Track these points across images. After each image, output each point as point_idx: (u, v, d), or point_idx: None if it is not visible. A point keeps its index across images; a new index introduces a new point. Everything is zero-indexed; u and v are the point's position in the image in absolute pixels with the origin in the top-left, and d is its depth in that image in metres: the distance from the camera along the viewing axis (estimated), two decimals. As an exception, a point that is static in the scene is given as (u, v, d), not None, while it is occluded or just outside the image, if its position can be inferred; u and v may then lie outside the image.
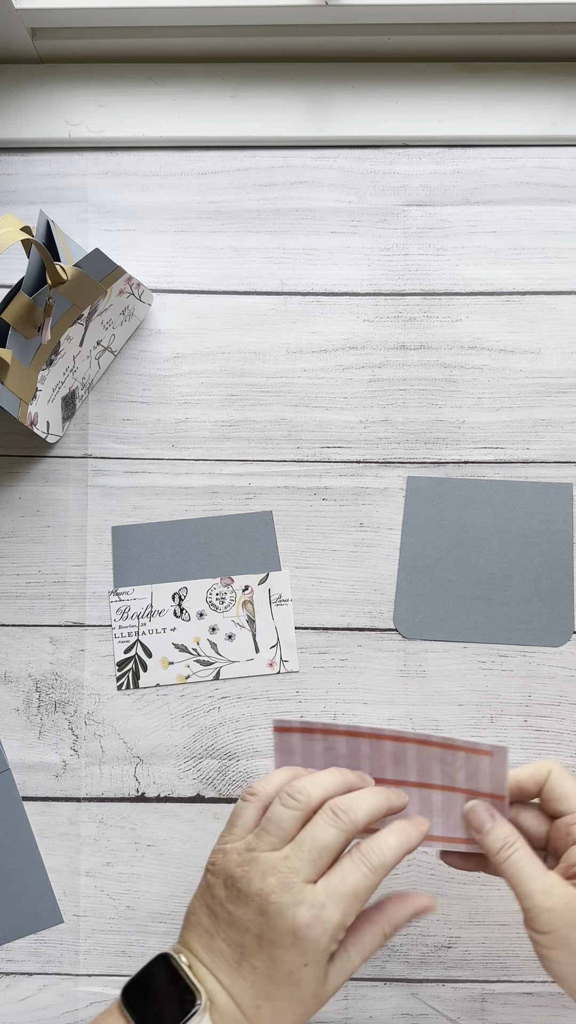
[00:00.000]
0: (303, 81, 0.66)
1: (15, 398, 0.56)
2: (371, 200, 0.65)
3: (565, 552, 0.62)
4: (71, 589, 0.63)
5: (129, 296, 0.61)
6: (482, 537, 0.62)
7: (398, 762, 0.47)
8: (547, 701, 0.61)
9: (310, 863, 0.42)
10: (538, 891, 0.43)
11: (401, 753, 0.47)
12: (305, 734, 0.48)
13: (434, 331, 0.64)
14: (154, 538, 0.63)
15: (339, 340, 0.64)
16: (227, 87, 0.66)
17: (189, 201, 0.65)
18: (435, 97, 0.66)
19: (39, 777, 0.61)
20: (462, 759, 0.47)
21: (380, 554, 0.62)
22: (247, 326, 0.64)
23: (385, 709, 0.61)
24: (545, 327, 0.64)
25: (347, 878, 0.42)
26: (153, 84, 0.66)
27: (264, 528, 0.63)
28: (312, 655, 0.62)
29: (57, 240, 0.55)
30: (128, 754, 0.61)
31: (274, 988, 0.41)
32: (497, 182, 0.65)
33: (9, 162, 0.66)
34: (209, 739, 0.61)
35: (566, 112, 0.65)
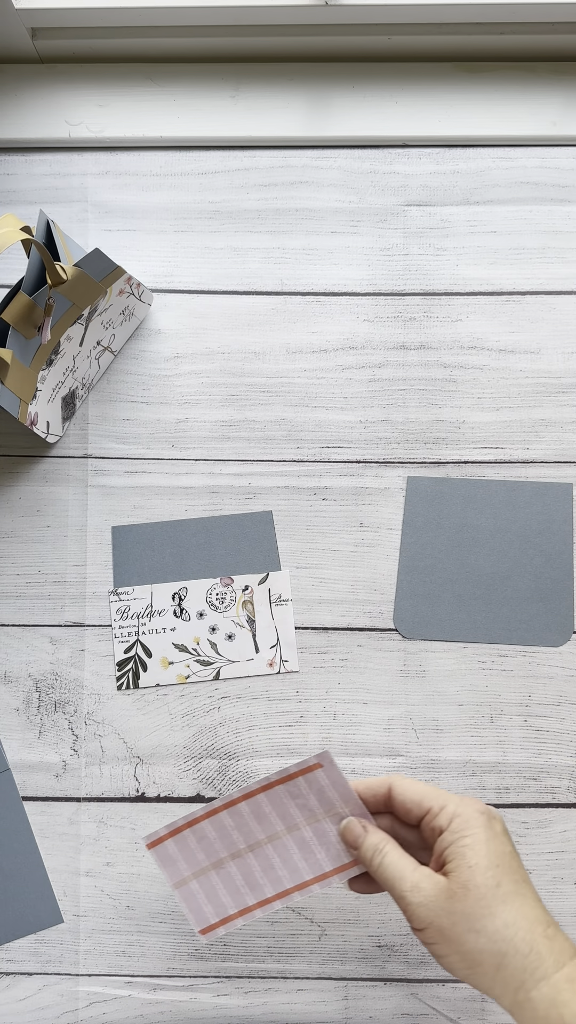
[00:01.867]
0: (303, 81, 0.66)
1: (15, 398, 0.56)
2: (371, 200, 0.65)
3: (565, 552, 0.62)
4: (71, 589, 0.63)
5: (129, 296, 0.61)
6: (482, 537, 0.62)
7: (261, 819, 0.49)
8: (547, 701, 0.61)
9: None
10: (407, 889, 0.44)
11: (257, 807, 0.49)
12: (175, 837, 0.49)
13: (434, 331, 0.64)
14: (154, 538, 0.63)
15: (339, 340, 0.64)
16: (227, 87, 0.66)
17: (189, 201, 0.65)
18: (435, 97, 0.66)
19: (39, 777, 0.61)
20: (303, 784, 0.48)
21: (380, 554, 0.62)
22: (247, 326, 0.64)
23: (385, 709, 0.61)
24: (545, 327, 0.64)
25: None
26: (153, 84, 0.66)
27: (264, 528, 0.63)
28: (312, 655, 0.62)
29: (57, 240, 0.55)
30: (128, 754, 0.61)
31: None
32: (497, 182, 0.65)
33: (9, 162, 0.66)
34: (209, 739, 0.61)
35: (566, 112, 0.65)
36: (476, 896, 0.43)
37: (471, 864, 0.43)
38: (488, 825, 0.45)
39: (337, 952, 0.60)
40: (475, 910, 0.42)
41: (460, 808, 0.45)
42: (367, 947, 0.60)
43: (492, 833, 0.45)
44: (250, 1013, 0.59)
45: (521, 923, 0.42)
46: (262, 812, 0.49)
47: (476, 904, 0.42)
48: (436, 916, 0.43)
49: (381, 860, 0.46)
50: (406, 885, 0.44)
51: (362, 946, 0.60)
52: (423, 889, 0.44)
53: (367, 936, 0.60)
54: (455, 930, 0.43)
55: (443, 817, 0.45)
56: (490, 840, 0.44)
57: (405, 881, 0.44)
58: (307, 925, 0.60)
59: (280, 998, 0.59)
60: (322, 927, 0.60)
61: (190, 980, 0.59)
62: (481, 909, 0.42)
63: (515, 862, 0.45)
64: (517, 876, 0.44)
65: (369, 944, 0.60)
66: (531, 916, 0.43)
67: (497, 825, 0.46)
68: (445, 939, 0.43)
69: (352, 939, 0.60)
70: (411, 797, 0.47)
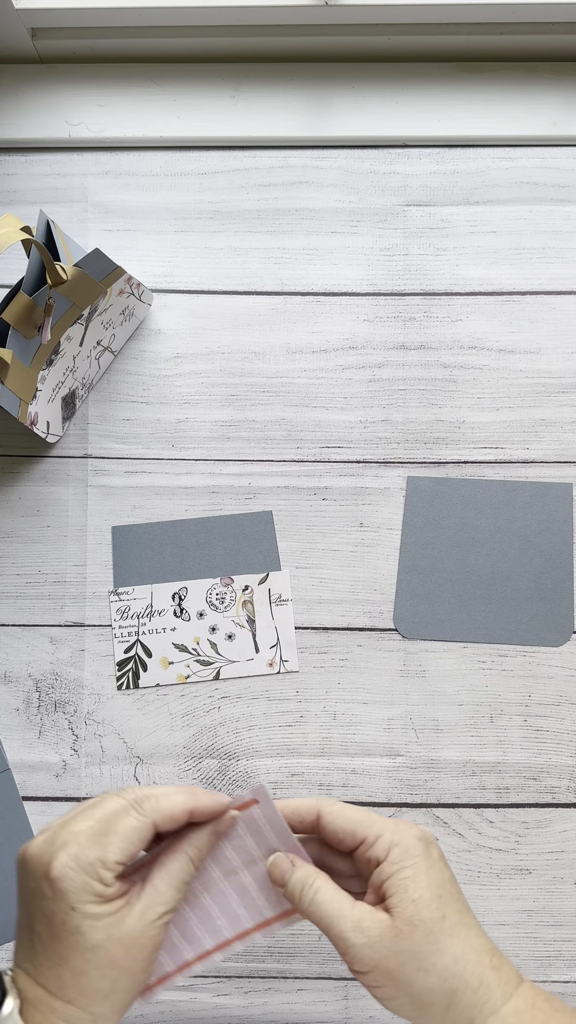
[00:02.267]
0: (303, 81, 0.66)
1: (15, 398, 0.56)
2: (371, 200, 0.65)
3: (565, 552, 0.62)
4: (71, 589, 0.63)
5: (129, 296, 0.61)
6: (482, 537, 0.62)
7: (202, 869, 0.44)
8: (547, 701, 0.61)
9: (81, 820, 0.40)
10: (348, 929, 0.40)
11: None
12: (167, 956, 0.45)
13: (434, 331, 0.64)
14: (154, 538, 0.63)
15: (339, 340, 0.64)
16: (227, 87, 0.66)
17: (189, 201, 0.65)
18: (435, 97, 0.66)
19: (39, 777, 0.61)
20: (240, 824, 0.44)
21: (380, 554, 0.62)
22: (247, 326, 0.64)
23: (385, 709, 0.61)
24: (545, 327, 0.64)
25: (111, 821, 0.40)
26: (153, 84, 0.66)
27: (264, 528, 0.63)
28: (312, 655, 0.62)
29: (57, 240, 0.55)
30: (128, 754, 0.61)
31: (60, 947, 0.38)
32: (497, 182, 0.65)
33: (9, 162, 0.66)
34: (209, 739, 0.61)
35: (566, 112, 0.65)
36: (423, 932, 0.40)
37: (415, 898, 0.40)
38: (427, 853, 0.42)
39: (337, 952, 0.60)
40: (423, 947, 0.40)
41: (397, 836, 0.42)
42: (367, 947, 0.60)
43: (431, 861, 0.42)
44: (250, 1013, 0.59)
45: (469, 956, 0.40)
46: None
47: (423, 941, 0.40)
48: (382, 957, 0.40)
49: (312, 897, 0.42)
50: (346, 924, 0.40)
51: (362, 946, 0.60)
52: (366, 929, 0.40)
53: (367, 936, 0.60)
54: (404, 970, 0.39)
55: (379, 847, 0.42)
56: (430, 869, 0.42)
57: (345, 920, 0.40)
58: (307, 925, 0.60)
59: (280, 998, 0.59)
60: (322, 927, 0.60)
61: (190, 980, 0.59)
62: (429, 946, 0.40)
63: (455, 889, 0.42)
64: (459, 904, 0.42)
65: (369, 944, 0.60)
66: (478, 947, 0.41)
67: (435, 851, 0.43)
68: (392, 981, 0.40)
69: (352, 939, 0.60)
70: (343, 826, 0.43)
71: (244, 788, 0.61)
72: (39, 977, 0.39)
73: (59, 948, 0.39)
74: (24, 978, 0.39)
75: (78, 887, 0.38)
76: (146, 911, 0.40)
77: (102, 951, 0.39)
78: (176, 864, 0.42)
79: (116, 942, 0.39)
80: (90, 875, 0.39)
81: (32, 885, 0.39)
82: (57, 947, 0.39)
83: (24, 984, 0.39)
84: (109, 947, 0.39)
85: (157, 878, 0.41)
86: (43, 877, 0.39)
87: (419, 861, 0.42)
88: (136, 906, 0.40)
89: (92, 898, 0.39)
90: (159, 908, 0.40)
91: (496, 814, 0.60)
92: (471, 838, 0.60)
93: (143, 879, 0.41)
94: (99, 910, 0.39)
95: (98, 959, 0.39)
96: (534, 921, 0.60)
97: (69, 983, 0.39)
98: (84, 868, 0.39)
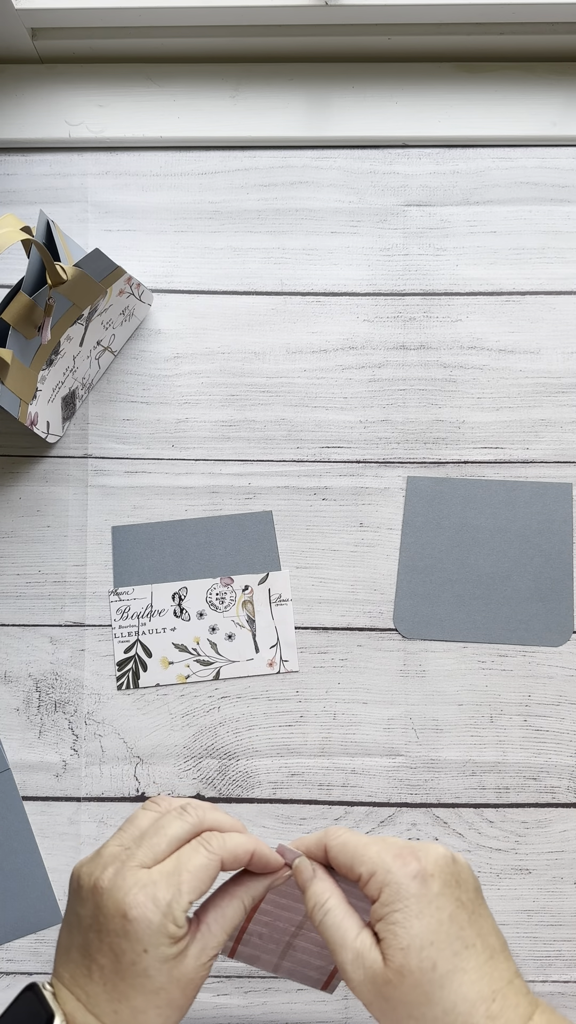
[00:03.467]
0: (303, 81, 0.66)
1: (15, 398, 0.56)
2: (371, 200, 0.65)
3: (565, 552, 0.62)
4: (71, 589, 0.63)
5: (129, 296, 0.61)
6: (482, 537, 0.62)
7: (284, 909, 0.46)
8: (547, 701, 0.61)
9: (148, 849, 0.40)
10: (348, 961, 0.40)
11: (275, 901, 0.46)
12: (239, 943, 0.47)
13: (434, 331, 0.64)
14: (154, 538, 0.63)
15: (339, 340, 0.64)
16: (227, 87, 0.66)
17: (189, 201, 0.65)
18: (435, 97, 0.66)
19: (39, 777, 0.61)
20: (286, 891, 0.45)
21: (380, 554, 0.62)
22: (247, 326, 0.64)
23: (385, 709, 0.61)
24: (545, 327, 0.64)
25: (181, 859, 0.40)
26: (153, 84, 0.66)
27: (264, 528, 0.63)
28: (312, 655, 0.62)
29: (57, 240, 0.55)
30: (128, 754, 0.61)
31: (124, 985, 0.39)
32: (497, 182, 0.65)
33: (9, 162, 0.66)
34: (209, 739, 0.61)
35: (566, 112, 0.65)
36: (411, 983, 0.38)
37: (403, 946, 0.39)
38: (421, 893, 0.40)
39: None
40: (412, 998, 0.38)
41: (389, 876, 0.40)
42: (367, 947, 0.60)
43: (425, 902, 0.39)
44: (250, 1013, 0.59)
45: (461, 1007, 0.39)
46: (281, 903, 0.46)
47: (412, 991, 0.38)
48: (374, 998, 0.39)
49: (323, 918, 0.41)
50: (347, 956, 0.40)
51: (362, 946, 0.60)
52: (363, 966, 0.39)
53: (367, 936, 0.60)
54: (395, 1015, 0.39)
55: (372, 887, 0.40)
56: (422, 912, 0.39)
57: (347, 951, 0.40)
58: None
59: (280, 998, 0.59)
60: (322, 927, 0.60)
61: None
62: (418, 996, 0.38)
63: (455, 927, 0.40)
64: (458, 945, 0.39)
65: (369, 944, 0.60)
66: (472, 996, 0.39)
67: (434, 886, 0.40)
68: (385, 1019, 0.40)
69: (352, 939, 0.60)
70: (343, 862, 0.42)
71: (243, 788, 0.61)
72: (92, 1006, 0.39)
73: (121, 985, 0.39)
74: (72, 1001, 0.40)
75: (155, 930, 0.39)
76: (201, 953, 0.40)
77: (164, 992, 0.39)
78: (231, 910, 0.42)
79: (175, 983, 0.39)
80: (166, 916, 0.39)
81: (101, 919, 0.39)
82: (119, 984, 0.39)
83: (72, 1007, 0.40)
84: (170, 988, 0.39)
85: (212, 921, 0.41)
86: (117, 914, 0.39)
87: (410, 904, 0.39)
88: (192, 948, 0.40)
89: (165, 940, 0.39)
90: (211, 951, 0.41)
91: (496, 814, 0.60)
92: (471, 838, 0.60)
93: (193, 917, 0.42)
94: (169, 952, 0.39)
95: (159, 1000, 0.39)
96: (534, 921, 0.60)
97: (126, 1019, 0.39)
98: (161, 909, 0.39)
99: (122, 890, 0.39)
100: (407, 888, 0.40)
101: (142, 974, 0.39)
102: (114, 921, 0.39)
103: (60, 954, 0.42)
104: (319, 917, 0.42)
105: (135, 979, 0.39)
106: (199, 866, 0.40)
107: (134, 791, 0.61)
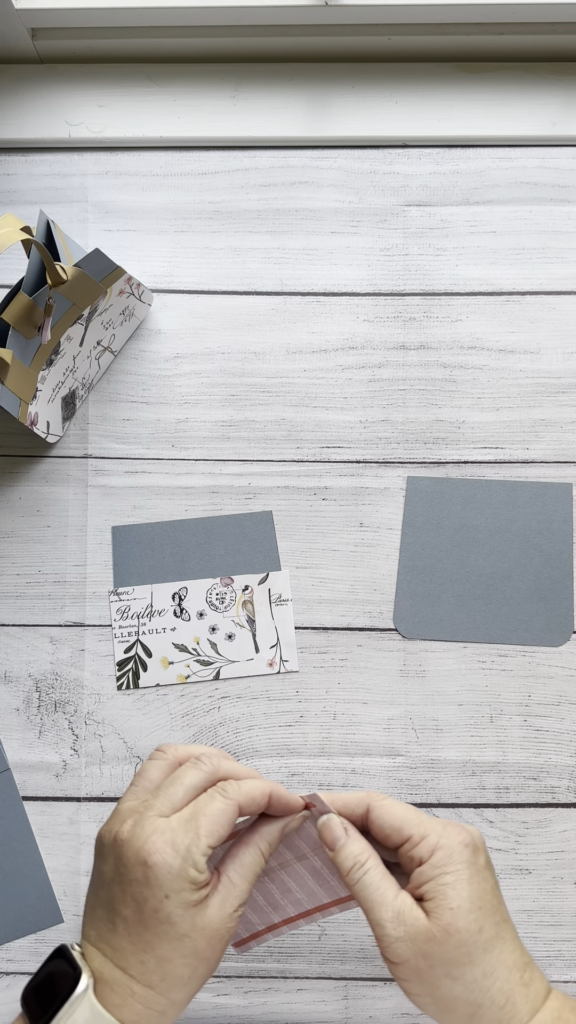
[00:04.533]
0: (303, 81, 0.66)
1: (15, 398, 0.56)
2: (371, 200, 0.65)
3: (565, 552, 0.62)
4: (71, 589, 0.63)
5: (129, 296, 0.61)
6: (482, 537, 0.62)
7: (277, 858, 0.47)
8: (547, 701, 0.61)
9: (165, 799, 0.41)
10: (388, 919, 0.41)
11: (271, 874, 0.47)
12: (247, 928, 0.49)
13: (434, 331, 0.64)
14: (154, 538, 0.63)
15: (339, 340, 0.64)
16: (227, 87, 0.66)
17: (189, 201, 0.65)
18: (435, 97, 0.66)
19: (39, 777, 0.61)
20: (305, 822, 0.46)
21: (380, 554, 0.62)
22: (247, 326, 0.64)
23: (385, 709, 0.61)
24: (545, 327, 0.64)
25: (199, 805, 0.41)
26: (153, 84, 0.66)
27: (264, 528, 0.63)
28: (312, 655, 0.62)
29: (57, 240, 0.55)
30: (128, 754, 0.61)
31: (148, 934, 0.39)
32: (497, 182, 0.65)
33: (9, 162, 0.66)
34: (209, 739, 0.61)
35: (566, 112, 0.65)
36: (457, 942, 0.40)
37: (452, 906, 0.40)
38: (472, 861, 0.42)
39: (337, 952, 0.60)
40: (455, 956, 0.40)
41: (443, 840, 0.42)
42: (367, 947, 0.60)
43: (475, 869, 0.42)
44: (250, 1013, 0.59)
45: (500, 971, 0.40)
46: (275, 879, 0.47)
47: (456, 951, 0.40)
48: (414, 955, 0.40)
49: (361, 877, 0.42)
50: (387, 913, 0.41)
51: (362, 946, 0.60)
52: (404, 922, 0.40)
53: (367, 936, 0.60)
54: (432, 973, 0.40)
55: (424, 848, 0.42)
56: (473, 878, 0.41)
57: (386, 909, 0.41)
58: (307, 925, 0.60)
59: (280, 998, 0.59)
60: (322, 927, 0.60)
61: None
62: (461, 956, 0.40)
63: (496, 899, 0.42)
64: (498, 916, 0.41)
65: (369, 944, 0.60)
66: (510, 963, 0.41)
67: (481, 858, 0.42)
68: (420, 980, 0.40)
69: (352, 939, 0.60)
70: (390, 823, 0.43)
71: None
72: (119, 960, 0.40)
73: (146, 934, 0.39)
74: (99, 957, 0.40)
75: (175, 874, 0.39)
76: (224, 903, 0.41)
77: (188, 940, 0.39)
78: (249, 857, 0.42)
79: (200, 932, 0.40)
80: (185, 861, 0.39)
81: (122, 870, 0.40)
82: (144, 933, 0.39)
83: (99, 963, 0.40)
84: (194, 936, 0.39)
85: (232, 871, 0.42)
86: (137, 862, 0.39)
87: (462, 869, 0.41)
88: (214, 898, 0.40)
89: (187, 885, 0.39)
90: (235, 901, 0.41)
91: (496, 814, 0.60)
92: (471, 838, 0.60)
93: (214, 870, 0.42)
94: (191, 897, 0.39)
95: (184, 948, 0.39)
96: (534, 921, 0.60)
97: (152, 969, 0.39)
98: (180, 854, 0.39)
99: (140, 838, 0.40)
100: (460, 854, 0.41)
101: (165, 920, 0.39)
102: (135, 870, 0.39)
103: (87, 915, 0.42)
104: (357, 876, 0.42)
105: (158, 926, 0.39)
106: (217, 811, 0.41)
107: (134, 791, 0.61)
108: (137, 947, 0.39)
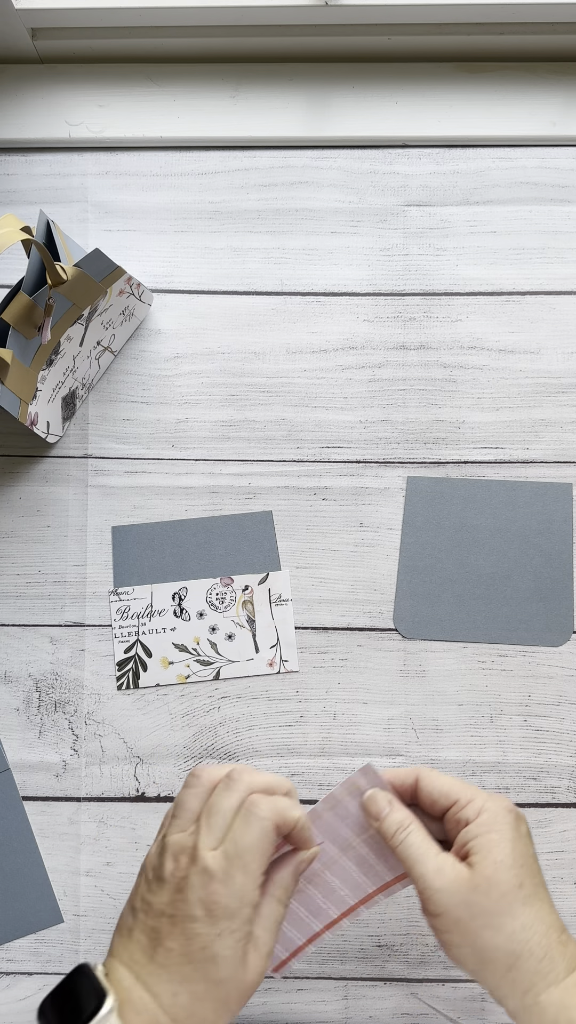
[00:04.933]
0: (303, 81, 0.66)
1: (15, 398, 0.56)
2: (371, 200, 0.65)
3: (565, 552, 0.62)
4: (71, 589, 0.63)
5: (129, 296, 0.61)
6: (482, 537, 0.62)
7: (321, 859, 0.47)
8: (547, 701, 0.61)
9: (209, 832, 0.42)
10: (430, 871, 0.43)
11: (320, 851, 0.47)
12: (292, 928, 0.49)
13: (434, 331, 0.64)
14: (154, 538, 0.63)
15: (339, 340, 0.64)
16: (227, 87, 0.66)
17: (189, 201, 0.65)
18: (435, 97, 0.66)
19: (39, 777, 0.61)
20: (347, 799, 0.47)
21: (380, 554, 0.62)
22: (247, 326, 0.64)
23: (385, 709, 0.61)
24: (545, 327, 0.64)
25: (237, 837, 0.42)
26: (153, 84, 0.66)
27: (264, 528, 0.63)
28: (312, 655, 0.62)
29: (57, 240, 0.55)
30: (128, 754, 0.61)
31: (188, 968, 0.40)
32: (497, 182, 0.65)
33: (9, 162, 0.66)
34: (209, 739, 0.61)
35: (566, 112, 0.65)
36: (499, 892, 0.42)
37: (497, 860, 0.42)
38: (515, 825, 0.44)
39: (337, 952, 0.60)
40: (496, 906, 0.42)
41: (489, 804, 0.45)
42: (367, 947, 0.60)
43: (518, 833, 0.44)
44: (250, 1013, 0.59)
45: (538, 927, 0.42)
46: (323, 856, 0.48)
47: (498, 901, 0.42)
48: (455, 905, 0.42)
49: (404, 838, 0.44)
50: (429, 866, 0.43)
51: (362, 946, 0.60)
52: (446, 874, 0.42)
53: (367, 936, 0.60)
54: (472, 923, 0.42)
55: (471, 809, 0.44)
56: (516, 840, 0.44)
57: (428, 862, 0.43)
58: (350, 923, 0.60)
59: (280, 998, 0.59)
60: (322, 927, 0.60)
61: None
62: (502, 907, 0.42)
63: (536, 865, 0.44)
64: (537, 880, 0.44)
65: (369, 944, 0.60)
66: (548, 921, 0.43)
67: (523, 826, 0.45)
68: (460, 930, 0.42)
69: (352, 939, 0.60)
70: (439, 788, 0.46)
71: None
72: (151, 985, 0.40)
73: (186, 968, 0.40)
74: (129, 978, 0.41)
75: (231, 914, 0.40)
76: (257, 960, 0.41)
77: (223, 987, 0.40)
78: (267, 909, 0.43)
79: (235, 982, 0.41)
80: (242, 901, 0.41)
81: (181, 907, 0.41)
82: (184, 967, 0.40)
83: (128, 984, 0.41)
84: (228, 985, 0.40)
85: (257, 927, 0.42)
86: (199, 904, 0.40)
87: (507, 830, 0.44)
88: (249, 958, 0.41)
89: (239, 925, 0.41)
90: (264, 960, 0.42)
91: (496, 814, 0.60)
92: (471, 838, 0.60)
93: None
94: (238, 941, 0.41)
95: (219, 992, 0.40)
96: (534, 921, 0.60)
97: (183, 1004, 0.40)
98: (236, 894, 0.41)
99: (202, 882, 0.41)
100: (505, 817, 0.44)
101: (210, 960, 0.40)
102: (195, 909, 0.40)
103: (121, 935, 0.43)
104: (401, 837, 0.44)
105: (202, 963, 0.40)
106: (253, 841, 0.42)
107: (134, 791, 0.61)
108: (174, 978, 0.40)
